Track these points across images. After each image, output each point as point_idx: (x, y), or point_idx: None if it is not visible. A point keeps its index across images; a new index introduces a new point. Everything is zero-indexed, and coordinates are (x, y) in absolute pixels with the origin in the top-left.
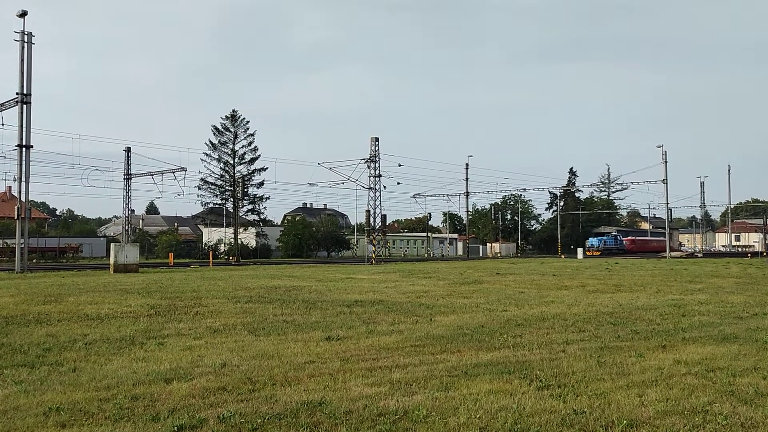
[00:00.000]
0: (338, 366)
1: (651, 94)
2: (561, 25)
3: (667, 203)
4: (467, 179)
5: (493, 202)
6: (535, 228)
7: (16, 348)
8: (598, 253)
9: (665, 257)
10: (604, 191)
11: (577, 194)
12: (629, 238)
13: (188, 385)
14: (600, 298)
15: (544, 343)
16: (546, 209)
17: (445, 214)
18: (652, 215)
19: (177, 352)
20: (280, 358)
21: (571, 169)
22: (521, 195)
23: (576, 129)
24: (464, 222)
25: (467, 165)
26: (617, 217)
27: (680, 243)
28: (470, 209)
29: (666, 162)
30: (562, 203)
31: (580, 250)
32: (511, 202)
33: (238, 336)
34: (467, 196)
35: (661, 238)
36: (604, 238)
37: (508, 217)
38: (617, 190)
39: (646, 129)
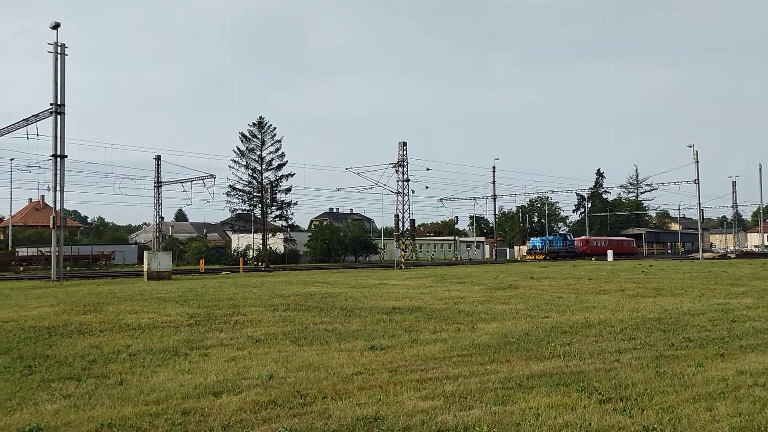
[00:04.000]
0: (387, 378)
1: (679, 93)
2: (585, 24)
3: (699, 204)
4: (494, 182)
5: (520, 205)
6: (563, 230)
7: (61, 360)
8: (542, 257)
9: (698, 258)
10: (633, 192)
11: (604, 196)
12: (582, 238)
13: (238, 398)
14: (642, 302)
15: (595, 352)
16: (573, 211)
17: (471, 217)
18: (682, 216)
19: (222, 363)
20: (326, 369)
21: (599, 170)
22: (548, 197)
23: (603, 130)
24: (491, 225)
25: (494, 168)
26: (646, 218)
27: (711, 244)
28: (497, 212)
29: (698, 162)
30: (589, 205)
31: (610, 252)
32: (538, 205)
33: (281, 346)
34: (494, 198)
35: (625, 239)
36: (550, 238)
37: (535, 219)
38: (645, 191)
39: (674, 128)
